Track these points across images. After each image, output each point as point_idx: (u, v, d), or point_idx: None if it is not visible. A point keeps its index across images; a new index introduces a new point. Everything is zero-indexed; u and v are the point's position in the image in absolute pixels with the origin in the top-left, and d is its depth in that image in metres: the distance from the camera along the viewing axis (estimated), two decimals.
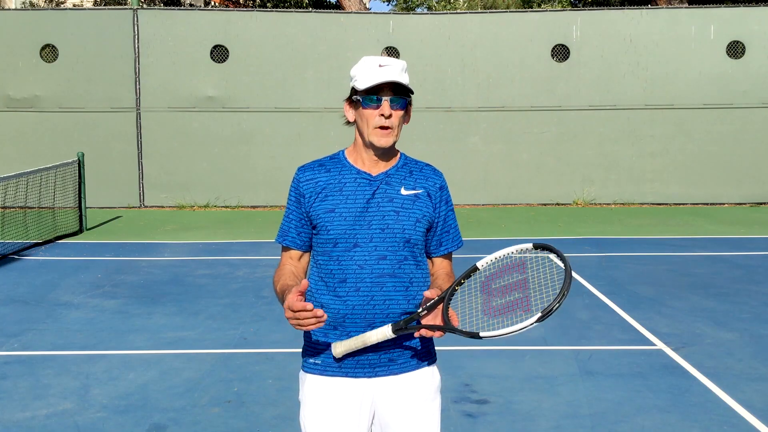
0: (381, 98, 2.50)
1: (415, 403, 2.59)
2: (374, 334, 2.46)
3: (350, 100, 2.59)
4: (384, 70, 2.49)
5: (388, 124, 2.51)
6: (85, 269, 9.53)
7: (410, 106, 2.61)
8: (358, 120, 2.57)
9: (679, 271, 9.28)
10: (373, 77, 2.48)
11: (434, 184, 2.65)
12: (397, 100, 2.52)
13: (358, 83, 2.53)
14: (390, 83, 2.49)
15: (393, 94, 2.51)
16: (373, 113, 2.52)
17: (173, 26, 15.54)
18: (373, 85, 2.48)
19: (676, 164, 15.82)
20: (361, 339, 2.48)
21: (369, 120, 2.52)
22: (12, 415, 4.95)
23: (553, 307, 2.30)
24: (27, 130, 15.59)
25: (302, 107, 15.63)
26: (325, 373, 2.58)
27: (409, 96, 2.56)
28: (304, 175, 2.62)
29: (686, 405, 5.08)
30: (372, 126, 2.52)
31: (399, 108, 2.53)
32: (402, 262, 2.56)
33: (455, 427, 4.69)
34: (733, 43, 15.70)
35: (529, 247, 2.52)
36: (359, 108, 2.54)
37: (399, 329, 2.44)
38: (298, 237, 2.63)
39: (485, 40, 15.73)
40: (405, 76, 2.53)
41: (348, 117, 2.61)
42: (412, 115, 2.66)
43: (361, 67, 2.54)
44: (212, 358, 6.09)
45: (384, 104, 2.50)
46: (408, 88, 2.53)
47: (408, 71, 2.58)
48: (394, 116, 2.52)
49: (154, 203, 15.72)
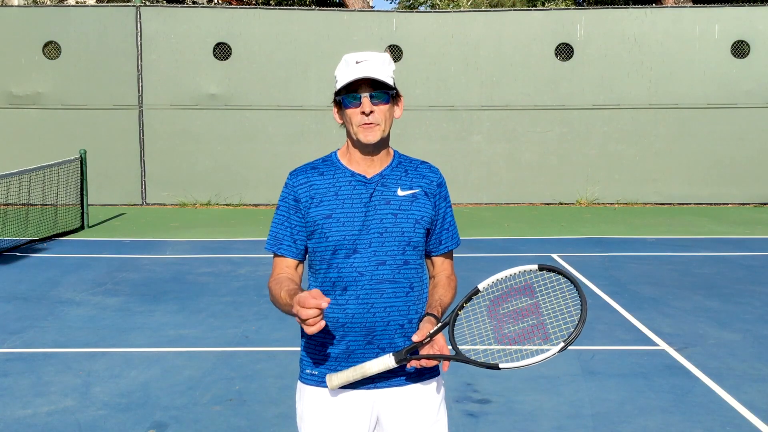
0: (359, 95, 2.42)
1: (420, 423, 2.50)
2: (375, 365, 2.34)
3: (336, 102, 2.51)
4: (360, 67, 2.40)
5: (370, 120, 2.42)
6: (87, 267, 9.52)
7: (399, 98, 2.52)
8: (345, 120, 2.49)
9: (683, 272, 9.25)
10: (349, 75, 2.40)
11: (431, 182, 2.56)
12: (378, 95, 2.42)
13: (337, 83, 2.46)
14: (368, 79, 2.40)
15: (372, 90, 2.42)
16: (355, 111, 2.43)
17: (176, 23, 15.54)
18: (348, 83, 2.40)
19: (679, 164, 15.78)
20: (360, 370, 2.35)
21: (352, 119, 2.44)
22: (13, 412, 4.94)
23: (575, 335, 2.24)
24: (29, 127, 15.59)
25: (305, 105, 15.61)
26: (322, 384, 2.48)
27: (392, 90, 2.45)
28: (298, 179, 2.52)
29: (689, 405, 5.06)
30: (356, 125, 2.44)
31: (381, 102, 2.43)
32: (402, 267, 2.47)
33: (457, 427, 4.67)
34: (737, 43, 15.66)
35: (534, 268, 2.43)
36: (342, 108, 2.47)
37: (402, 359, 2.34)
38: (294, 245, 2.51)
39: (489, 39, 15.70)
40: (386, 69, 2.43)
41: (337, 119, 2.54)
42: (415, 113, 2.60)
43: (340, 66, 2.46)
44: (214, 356, 6.08)
45: (364, 101, 2.42)
46: (385, 83, 2.41)
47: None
48: (376, 112, 2.43)
49: (156, 201, 15.72)
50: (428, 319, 2.43)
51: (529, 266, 2.45)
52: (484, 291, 2.47)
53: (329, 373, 2.45)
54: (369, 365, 2.35)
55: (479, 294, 2.46)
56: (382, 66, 2.42)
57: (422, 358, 2.33)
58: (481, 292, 2.46)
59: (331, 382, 2.38)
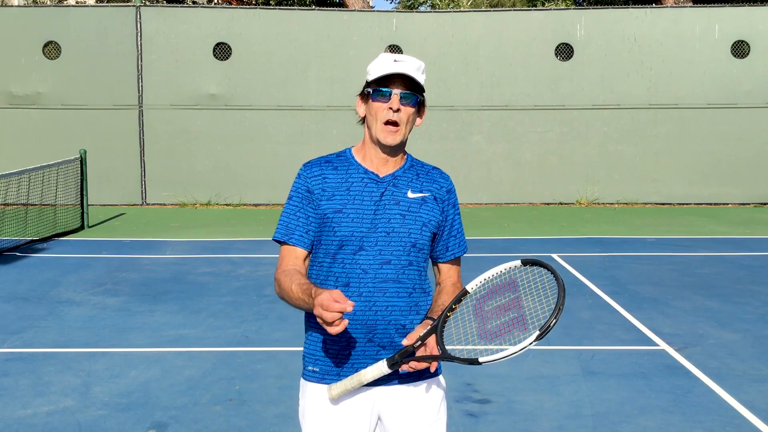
0: (391, 91, 2.44)
1: (421, 422, 2.52)
2: (370, 371, 2.38)
3: (362, 95, 2.53)
4: (398, 65, 2.44)
5: (396, 118, 2.45)
6: (87, 267, 9.52)
7: (424, 107, 2.55)
8: (368, 114, 2.50)
9: (683, 272, 9.25)
10: (386, 69, 2.43)
11: (441, 187, 2.58)
12: (408, 96, 2.46)
13: (370, 75, 2.48)
14: (403, 80, 2.43)
15: (404, 89, 2.45)
16: (382, 106, 2.45)
17: (176, 23, 15.54)
18: (383, 75, 2.43)
19: (679, 164, 15.79)
20: (356, 378, 2.39)
21: (378, 113, 2.46)
22: (13, 412, 4.94)
23: (550, 323, 2.26)
24: (29, 127, 15.60)
25: (305, 105, 15.61)
26: (323, 381, 2.51)
27: (422, 94, 2.49)
28: (312, 171, 2.53)
29: (689, 405, 5.06)
30: (380, 120, 2.46)
31: (409, 104, 2.47)
32: (406, 268, 2.49)
33: (457, 427, 4.67)
34: (737, 43, 15.66)
35: (518, 264, 2.46)
36: (369, 101, 2.49)
37: (394, 363, 2.36)
38: (306, 235, 2.52)
39: (489, 39, 15.71)
40: (420, 75, 2.47)
41: (359, 112, 2.55)
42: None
43: (376, 61, 2.49)
44: (214, 356, 6.08)
45: (394, 97, 2.44)
46: (420, 84, 2.46)
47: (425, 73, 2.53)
48: (403, 111, 2.45)
49: (156, 201, 15.72)
50: (425, 322, 2.45)
51: (513, 263, 2.48)
52: (472, 292, 2.49)
53: (328, 370, 2.49)
54: (364, 373, 2.39)
55: (468, 295, 2.48)
56: (418, 71, 2.46)
57: (411, 360, 2.36)
58: (470, 293, 2.48)
59: (330, 393, 2.43)
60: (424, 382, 2.54)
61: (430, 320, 2.46)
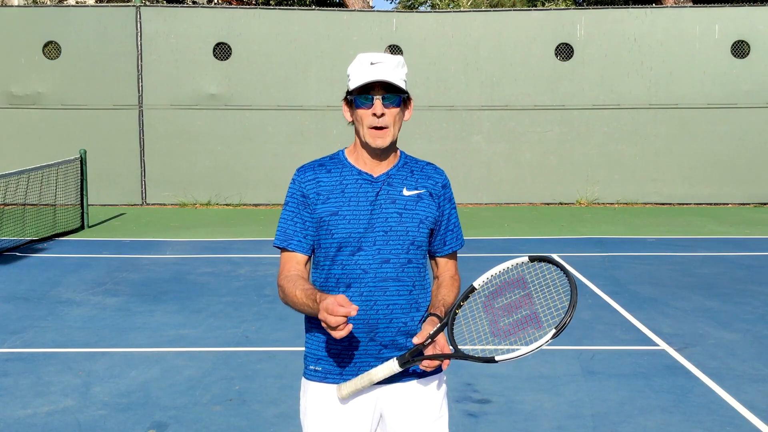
0: (372, 97, 2.43)
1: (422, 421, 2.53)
2: (381, 370, 2.39)
3: (346, 100, 2.53)
4: (375, 68, 2.41)
5: (381, 123, 2.44)
6: (87, 267, 9.52)
7: (410, 101, 2.54)
8: (355, 120, 2.51)
9: (683, 272, 9.25)
10: (364, 76, 2.41)
11: (436, 183, 2.58)
12: (391, 97, 2.44)
13: (350, 83, 2.47)
14: (382, 82, 2.41)
15: (385, 92, 2.43)
16: (366, 113, 2.45)
17: (176, 23, 15.54)
18: (362, 84, 2.41)
19: (679, 164, 15.79)
20: (367, 377, 2.40)
21: (363, 120, 2.46)
22: (13, 412, 4.94)
23: (565, 321, 2.27)
24: (29, 127, 15.60)
25: (305, 105, 15.61)
26: (325, 380, 2.52)
27: (404, 93, 2.47)
28: (305, 176, 2.54)
29: (689, 405, 5.06)
30: (366, 126, 2.45)
31: (393, 105, 2.45)
32: (405, 266, 2.50)
33: (457, 427, 4.67)
34: (737, 43, 15.66)
35: (525, 260, 2.47)
36: (353, 108, 2.48)
37: (406, 362, 2.37)
38: (305, 240, 2.53)
39: (489, 39, 15.70)
40: (400, 72, 2.45)
41: (346, 117, 2.55)
42: (415, 113, 2.61)
43: (354, 65, 2.47)
44: (214, 356, 6.08)
45: (376, 103, 2.43)
46: (398, 86, 2.43)
47: (409, 67, 2.52)
48: (387, 115, 2.44)
49: (156, 201, 15.72)
50: (430, 319, 2.46)
51: (520, 258, 2.48)
52: (480, 288, 2.50)
53: (331, 370, 2.50)
54: (375, 372, 2.39)
55: (475, 291, 2.50)
56: (396, 69, 2.44)
57: (424, 359, 2.37)
58: (477, 289, 2.49)
59: (340, 392, 2.43)
60: (426, 379, 2.55)
61: (436, 317, 2.46)
